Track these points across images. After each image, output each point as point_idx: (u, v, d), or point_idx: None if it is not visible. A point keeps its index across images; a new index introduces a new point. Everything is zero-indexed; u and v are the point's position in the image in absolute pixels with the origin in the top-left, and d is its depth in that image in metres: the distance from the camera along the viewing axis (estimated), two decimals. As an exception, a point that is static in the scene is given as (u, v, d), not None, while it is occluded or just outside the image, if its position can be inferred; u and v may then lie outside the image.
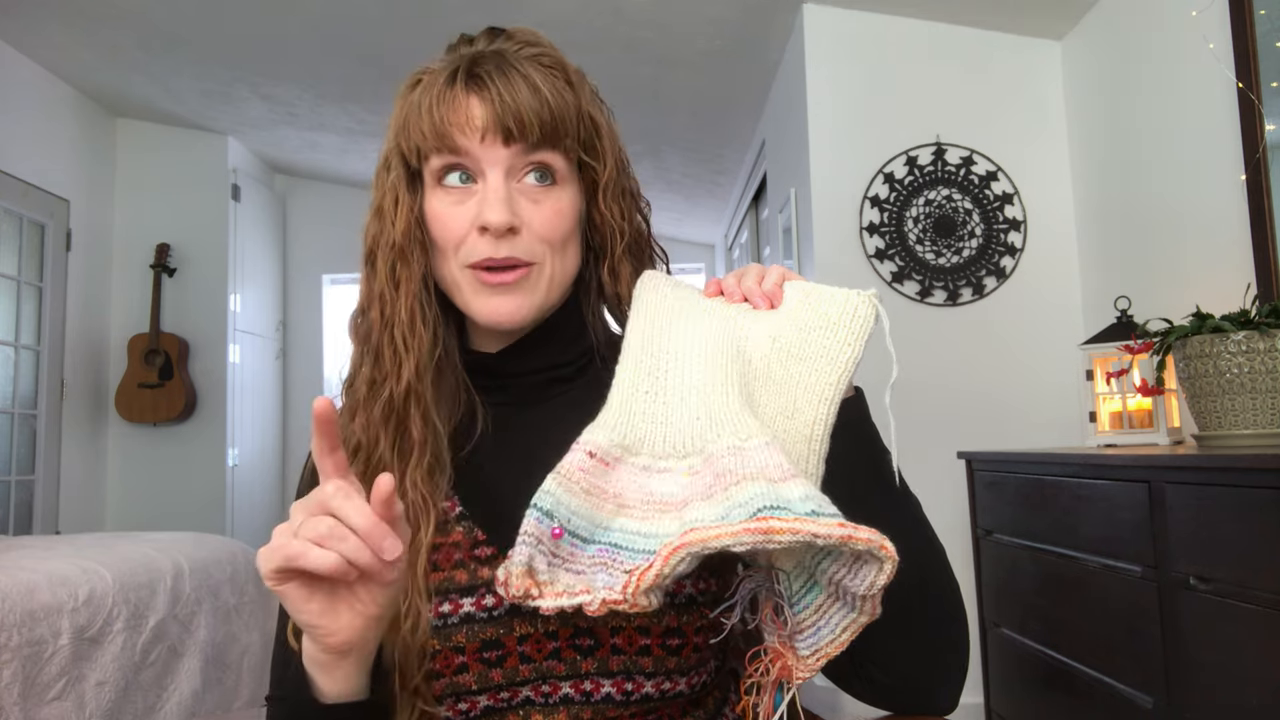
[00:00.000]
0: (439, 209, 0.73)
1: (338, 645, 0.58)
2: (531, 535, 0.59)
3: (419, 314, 0.73)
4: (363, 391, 0.73)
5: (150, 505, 4.14)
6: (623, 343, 0.71)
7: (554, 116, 0.71)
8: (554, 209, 0.73)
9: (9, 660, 1.59)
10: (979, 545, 2.18)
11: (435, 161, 0.72)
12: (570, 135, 0.73)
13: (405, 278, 0.73)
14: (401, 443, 0.71)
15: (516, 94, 0.70)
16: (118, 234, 4.26)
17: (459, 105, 0.70)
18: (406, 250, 0.73)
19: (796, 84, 2.95)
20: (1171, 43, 2.21)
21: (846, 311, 0.68)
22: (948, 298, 2.76)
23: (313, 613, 0.57)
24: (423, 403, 0.72)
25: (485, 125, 0.70)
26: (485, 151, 0.71)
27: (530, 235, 0.72)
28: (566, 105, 0.72)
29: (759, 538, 0.52)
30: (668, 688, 0.70)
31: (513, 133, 0.70)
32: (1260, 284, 1.87)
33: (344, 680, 0.61)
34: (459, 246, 0.72)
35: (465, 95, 0.71)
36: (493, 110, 0.70)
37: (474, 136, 0.70)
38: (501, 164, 0.71)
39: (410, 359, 0.72)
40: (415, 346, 0.72)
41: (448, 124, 0.70)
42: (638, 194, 0.81)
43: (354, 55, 3.43)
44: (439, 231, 0.73)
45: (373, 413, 0.72)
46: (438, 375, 0.74)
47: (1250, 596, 1.22)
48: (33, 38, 3.44)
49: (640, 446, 0.64)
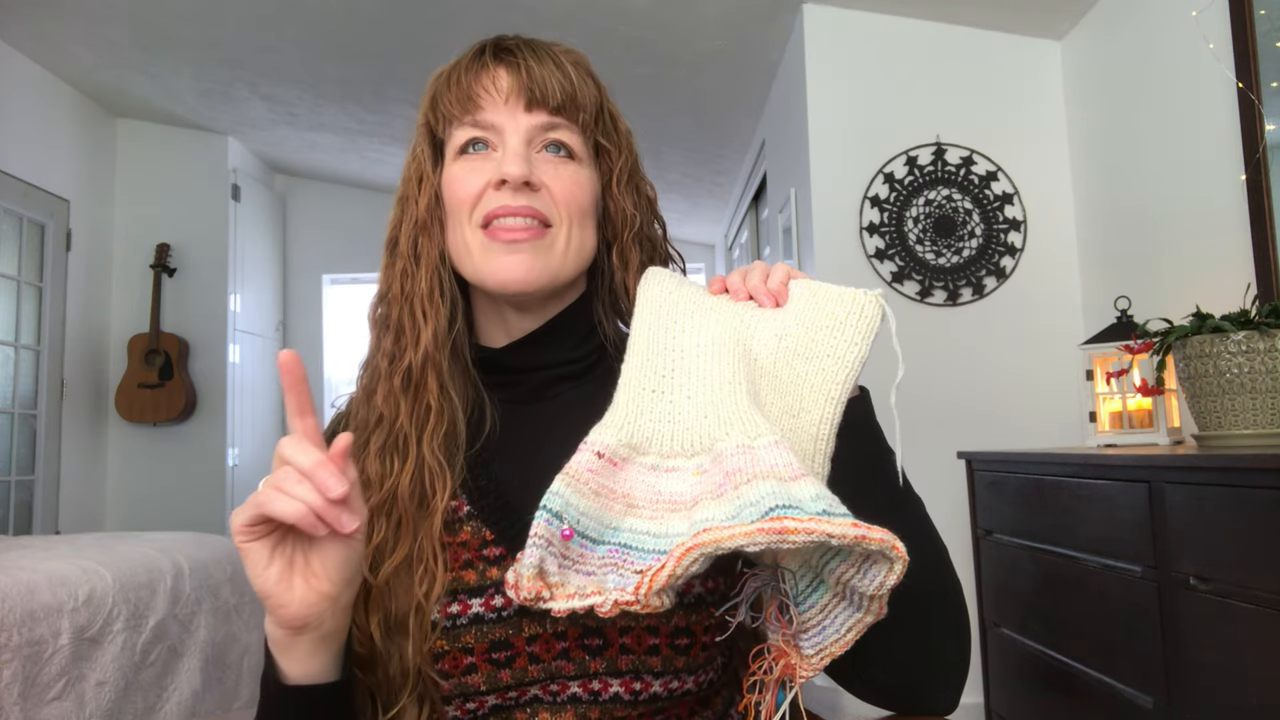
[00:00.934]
0: (456, 174, 0.75)
1: (290, 618, 0.60)
2: (541, 537, 0.58)
3: (438, 287, 0.75)
4: (383, 366, 0.74)
5: (150, 505, 4.14)
6: (628, 341, 0.70)
7: (575, 92, 0.74)
8: (572, 178, 0.75)
9: (9, 660, 1.59)
10: (979, 545, 2.18)
11: (458, 134, 0.75)
12: (588, 114, 0.76)
13: (426, 250, 0.75)
14: (419, 411, 0.72)
15: (542, 65, 0.74)
16: (118, 234, 4.26)
17: (486, 72, 0.74)
18: (429, 225, 0.76)
19: (796, 84, 2.95)
20: (1171, 43, 2.21)
21: (853, 311, 0.68)
22: (948, 298, 2.76)
23: (269, 579, 0.59)
24: (440, 373, 0.73)
25: (509, 90, 0.73)
26: (507, 116, 0.73)
27: (548, 195, 0.74)
28: (587, 89, 0.76)
29: (773, 538, 0.51)
30: (676, 687, 0.70)
31: (535, 97, 0.73)
32: (1260, 284, 1.87)
33: (302, 660, 0.62)
34: (474, 205, 0.73)
35: (494, 65, 0.75)
36: (518, 78, 0.73)
37: (498, 99, 0.73)
38: (522, 129, 0.73)
39: (429, 328, 0.73)
40: (434, 316, 0.74)
41: (474, 89, 0.74)
42: (653, 199, 0.82)
43: (354, 55, 3.43)
44: (454, 194, 0.74)
45: (394, 383, 0.73)
46: (453, 355, 0.75)
47: (1250, 596, 1.23)
48: (33, 38, 3.44)
49: (648, 446, 0.63)
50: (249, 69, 3.64)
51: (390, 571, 0.69)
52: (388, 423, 0.73)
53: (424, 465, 0.71)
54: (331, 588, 0.60)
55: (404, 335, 0.74)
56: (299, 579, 0.60)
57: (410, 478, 0.71)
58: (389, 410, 0.73)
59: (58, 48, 3.53)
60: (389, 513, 0.71)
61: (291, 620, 0.60)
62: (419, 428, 0.72)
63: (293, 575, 0.59)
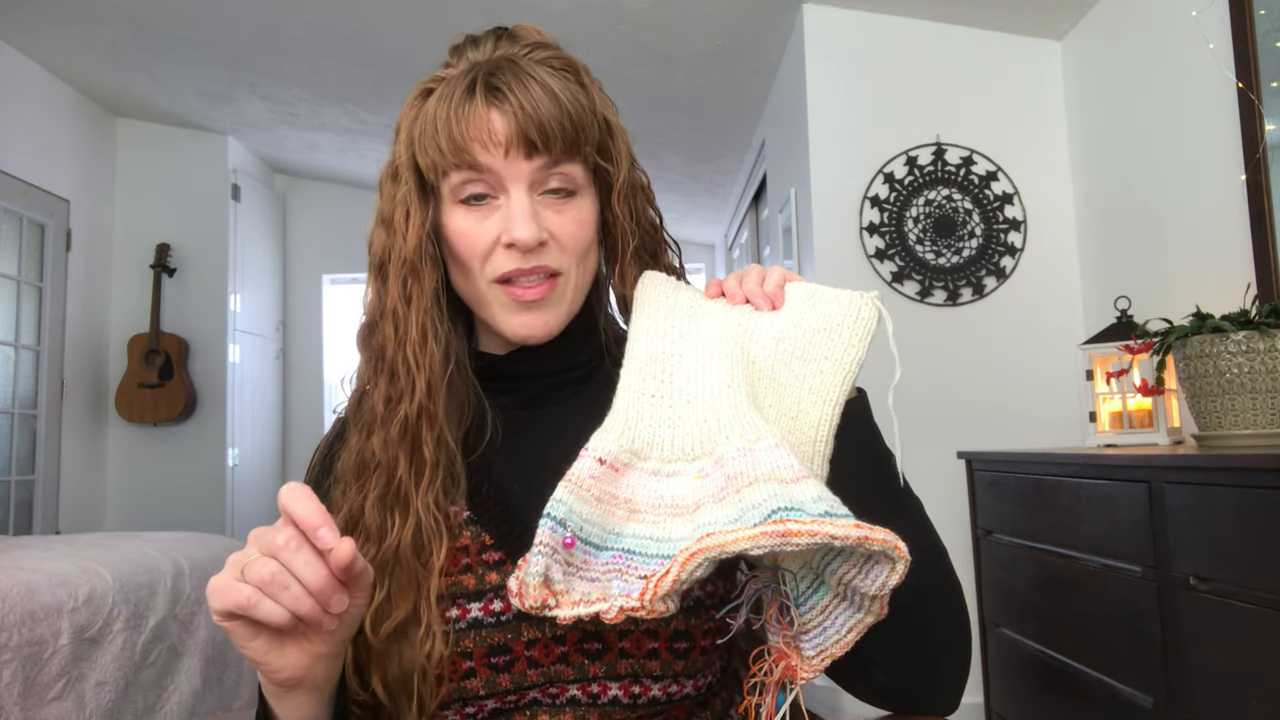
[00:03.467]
0: (461, 226, 0.72)
1: (284, 681, 0.59)
2: (546, 545, 0.58)
3: (430, 330, 0.72)
4: (380, 409, 0.72)
5: (150, 505, 4.14)
6: (625, 346, 0.70)
7: (574, 124, 0.70)
8: (576, 219, 0.73)
9: (9, 660, 1.59)
10: (979, 545, 2.18)
11: (455, 178, 0.70)
12: (589, 142, 0.72)
13: (417, 294, 0.72)
14: (416, 464, 0.71)
15: (538, 105, 0.68)
16: (118, 234, 4.26)
17: (479, 119, 0.68)
18: (418, 266, 0.72)
19: (796, 84, 2.95)
20: (1171, 43, 2.21)
21: (850, 313, 0.68)
22: (948, 298, 2.76)
23: (257, 650, 0.57)
24: (435, 423, 0.71)
25: (508, 139, 0.68)
26: (508, 166, 0.69)
27: (556, 246, 0.72)
28: (584, 110, 0.71)
29: (777, 541, 0.51)
30: (674, 690, 0.70)
31: (536, 145, 0.69)
32: (1260, 284, 1.87)
33: (296, 710, 0.62)
34: (485, 262, 0.72)
35: (485, 108, 0.68)
36: (515, 123, 0.68)
37: (497, 152, 0.69)
38: (524, 178, 0.70)
39: (421, 377, 0.71)
40: (426, 364, 0.71)
41: (468, 139, 0.68)
42: (647, 187, 0.80)
43: (354, 55, 3.43)
44: (463, 248, 0.72)
45: (390, 432, 0.71)
46: (449, 387, 0.74)
47: (1250, 596, 1.23)
48: (33, 38, 3.44)
49: (649, 451, 0.63)
50: (249, 69, 3.64)
51: (390, 631, 0.67)
52: (385, 472, 0.71)
53: (422, 525, 0.69)
54: (327, 649, 0.59)
55: (398, 380, 0.72)
56: (290, 645, 0.58)
57: (411, 535, 0.69)
58: (386, 458, 0.71)
59: (58, 48, 3.53)
60: (391, 572, 0.69)
61: (287, 682, 0.59)
62: (416, 481, 0.70)
63: (284, 643, 0.57)
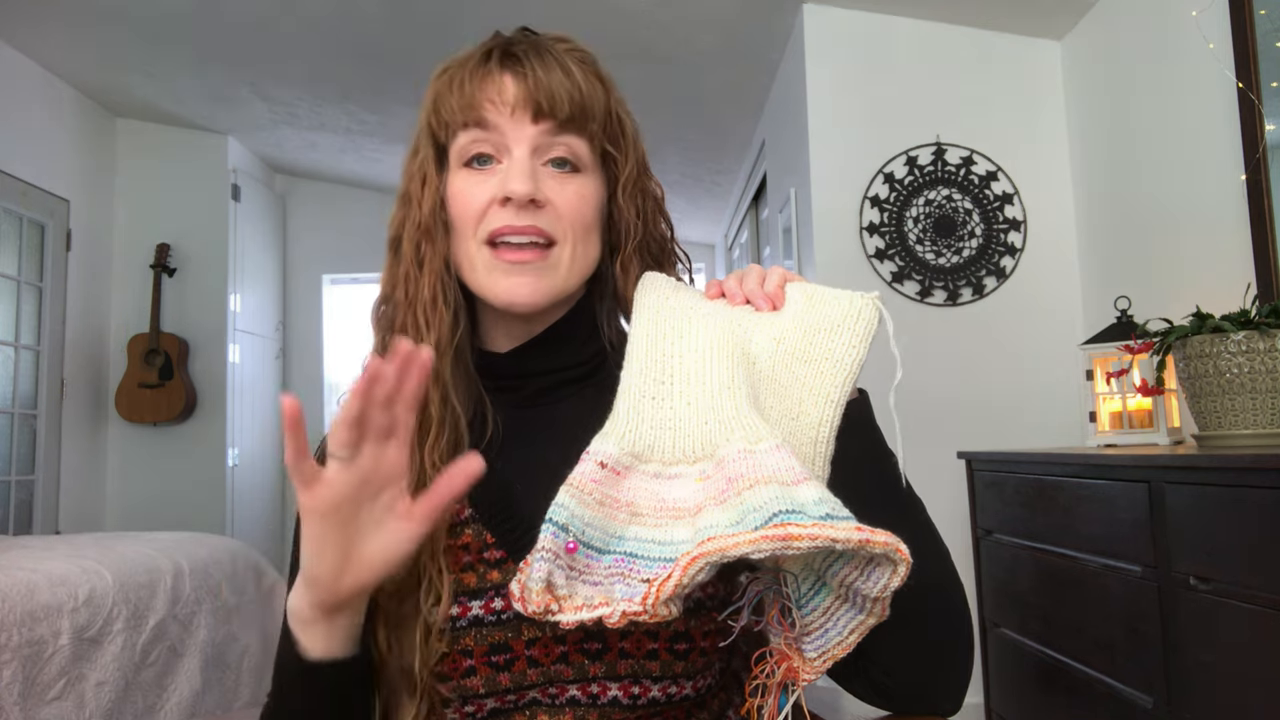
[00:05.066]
0: (462, 187, 0.73)
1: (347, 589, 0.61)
2: (549, 551, 0.58)
3: (440, 294, 0.73)
4: None
5: (150, 505, 4.13)
6: (626, 348, 0.70)
7: (584, 100, 0.72)
8: (578, 193, 0.74)
9: (9, 660, 1.59)
10: (979, 545, 2.18)
11: (463, 139, 0.73)
12: (597, 122, 0.74)
13: (430, 256, 0.74)
14: (422, 420, 0.71)
15: (550, 74, 0.71)
16: (118, 234, 4.26)
17: (492, 80, 0.72)
18: (432, 230, 0.74)
19: (796, 84, 2.95)
20: (1171, 43, 2.21)
21: (850, 314, 0.68)
22: (948, 298, 2.76)
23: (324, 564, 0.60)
24: (441, 381, 0.72)
25: (516, 100, 0.71)
26: (513, 127, 0.72)
27: (553, 212, 0.72)
28: (596, 95, 0.74)
29: (778, 545, 0.51)
30: (674, 691, 0.70)
31: (543, 108, 0.71)
32: (1260, 284, 1.87)
33: (326, 637, 0.64)
34: (479, 221, 0.72)
35: (500, 72, 0.72)
36: (525, 87, 0.71)
37: (504, 110, 0.71)
38: (528, 141, 0.72)
39: (431, 336, 0.72)
40: (436, 324, 0.73)
41: (479, 97, 0.72)
42: (659, 198, 0.81)
43: (354, 55, 3.43)
44: (459, 208, 0.73)
45: None
46: (455, 361, 0.74)
47: (1250, 596, 1.23)
48: (33, 38, 3.44)
49: (650, 453, 0.63)
50: (249, 69, 3.64)
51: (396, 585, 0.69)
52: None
53: (426, 478, 0.70)
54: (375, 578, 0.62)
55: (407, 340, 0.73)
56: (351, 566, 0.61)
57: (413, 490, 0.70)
58: None
59: (58, 48, 3.53)
60: None
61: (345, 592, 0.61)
62: (420, 438, 0.71)
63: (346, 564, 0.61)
